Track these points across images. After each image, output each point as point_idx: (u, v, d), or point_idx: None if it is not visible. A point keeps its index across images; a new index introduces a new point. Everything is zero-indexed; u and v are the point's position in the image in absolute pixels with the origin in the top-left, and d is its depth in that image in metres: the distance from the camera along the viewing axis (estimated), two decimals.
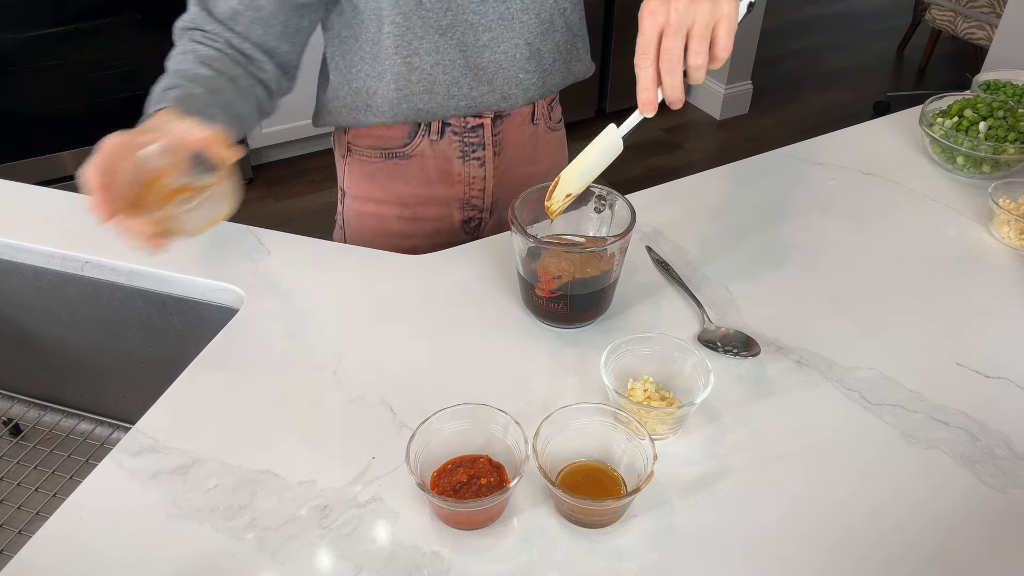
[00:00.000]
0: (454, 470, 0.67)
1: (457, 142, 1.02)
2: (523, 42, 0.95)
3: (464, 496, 0.65)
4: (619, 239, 0.78)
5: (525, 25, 0.94)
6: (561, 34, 0.99)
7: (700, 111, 3.37)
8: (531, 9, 0.94)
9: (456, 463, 0.68)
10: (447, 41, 0.92)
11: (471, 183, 1.05)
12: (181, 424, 0.74)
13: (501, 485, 0.66)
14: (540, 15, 0.95)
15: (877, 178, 1.11)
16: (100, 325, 0.99)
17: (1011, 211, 0.98)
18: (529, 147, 1.08)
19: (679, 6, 0.67)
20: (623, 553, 0.64)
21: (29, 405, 1.08)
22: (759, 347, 0.82)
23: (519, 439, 0.66)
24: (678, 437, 0.73)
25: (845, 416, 0.76)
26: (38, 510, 0.92)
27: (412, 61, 0.93)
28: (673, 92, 0.70)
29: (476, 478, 0.66)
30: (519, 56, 0.96)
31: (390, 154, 1.03)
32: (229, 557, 0.64)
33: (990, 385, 0.80)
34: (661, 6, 0.68)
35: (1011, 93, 1.22)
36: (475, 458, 0.68)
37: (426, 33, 0.91)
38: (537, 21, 0.95)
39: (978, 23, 3.07)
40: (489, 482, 0.66)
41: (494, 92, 0.98)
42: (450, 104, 0.97)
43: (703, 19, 0.68)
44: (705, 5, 0.67)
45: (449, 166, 1.04)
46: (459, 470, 0.67)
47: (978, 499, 0.69)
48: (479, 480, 0.66)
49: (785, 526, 0.66)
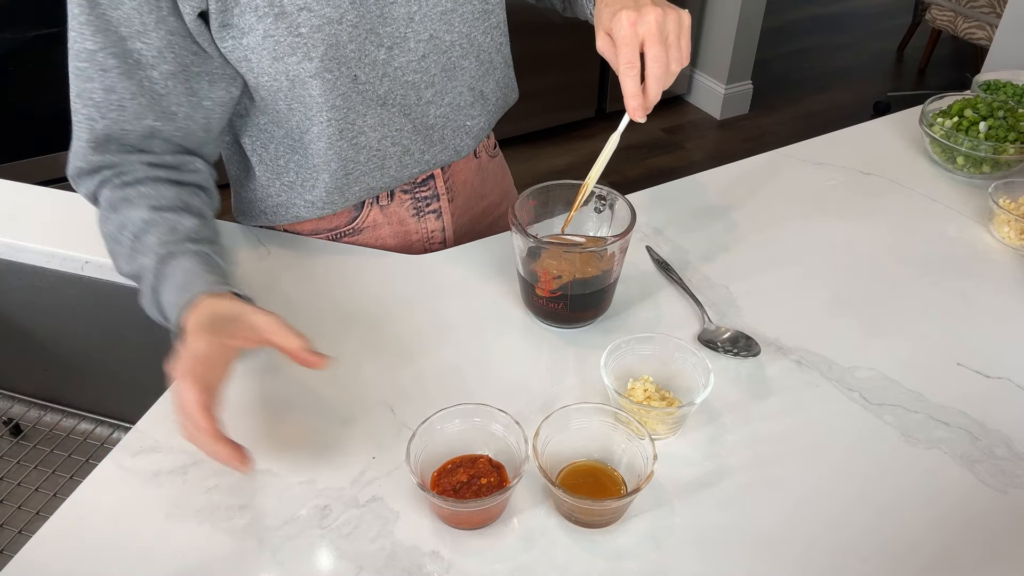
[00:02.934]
0: (454, 470, 0.67)
1: (409, 200, 0.96)
2: (466, 88, 0.91)
3: (464, 496, 0.65)
4: (619, 239, 0.78)
5: (466, 71, 0.90)
6: (500, 70, 0.95)
7: (700, 111, 3.37)
8: (471, 54, 0.89)
9: (456, 463, 0.68)
10: (389, 111, 0.86)
11: (430, 237, 1.01)
12: None
13: (501, 485, 0.66)
14: (480, 57, 0.90)
15: (877, 178, 1.11)
16: (100, 325, 0.99)
17: (1011, 211, 0.98)
18: (478, 182, 1.04)
19: (656, 18, 0.71)
20: (623, 553, 0.64)
21: (29, 405, 1.08)
22: (759, 347, 0.82)
23: (519, 439, 0.66)
24: (678, 437, 0.73)
25: (845, 416, 0.76)
26: (38, 510, 0.92)
27: (359, 141, 0.86)
28: (658, 98, 0.74)
29: (476, 478, 0.66)
30: (463, 103, 0.92)
31: (337, 235, 0.97)
32: (229, 557, 0.64)
33: (990, 385, 0.80)
34: (641, 19, 0.71)
35: (1011, 93, 1.22)
36: (475, 458, 0.68)
37: (368, 109, 0.84)
38: (478, 64, 0.90)
39: (978, 23, 3.07)
40: (489, 482, 0.66)
41: (446, 148, 0.94)
42: (403, 173, 0.92)
43: (674, 29, 0.72)
44: (672, 16, 0.72)
45: (405, 227, 0.98)
46: (459, 470, 0.67)
47: (978, 499, 0.69)
48: (479, 480, 0.66)
49: (785, 526, 0.66)
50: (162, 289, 0.74)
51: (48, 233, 0.97)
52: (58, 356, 1.04)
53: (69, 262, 0.95)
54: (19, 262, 0.97)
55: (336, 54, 0.77)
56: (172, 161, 0.80)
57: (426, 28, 0.83)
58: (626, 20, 0.71)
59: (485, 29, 0.89)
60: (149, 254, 0.75)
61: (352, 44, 0.78)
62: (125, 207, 0.77)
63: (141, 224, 0.76)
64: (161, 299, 0.74)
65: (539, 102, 2.90)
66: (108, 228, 0.79)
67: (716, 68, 3.24)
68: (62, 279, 0.96)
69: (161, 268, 0.74)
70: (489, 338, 0.84)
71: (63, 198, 1.04)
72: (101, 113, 0.75)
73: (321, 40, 0.75)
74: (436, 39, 0.84)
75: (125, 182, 0.78)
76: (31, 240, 0.96)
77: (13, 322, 1.03)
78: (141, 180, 0.78)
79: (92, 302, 0.97)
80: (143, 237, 0.76)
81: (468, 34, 0.87)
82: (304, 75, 0.77)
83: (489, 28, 0.89)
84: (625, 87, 0.72)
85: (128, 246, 0.77)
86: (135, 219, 0.76)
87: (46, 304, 1.00)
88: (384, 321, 0.86)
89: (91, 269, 0.95)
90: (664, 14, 0.71)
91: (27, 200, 1.04)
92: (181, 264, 0.74)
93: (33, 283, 0.98)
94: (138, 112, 0.76)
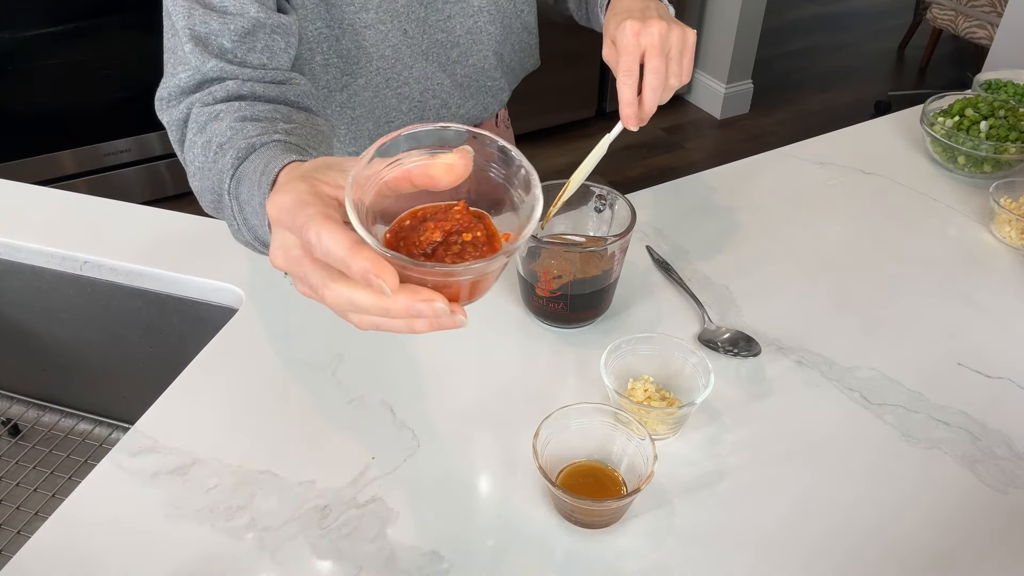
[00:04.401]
0: (418, 226, 0.45)
1: None
2: (491, 52, 0.96)
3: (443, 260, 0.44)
4: (619, 239, 0.78)
5: (492, 36, 0.94)
6: (517, 34, 0.99)
7: (701, 111, 3.37)
8: (497, 20, 0.94)
9: (419, 216, 0.46)
10: (431, 64, 0.92)
11: None
12: (180, 424, 0.74)
13: (492, 245, 0.45)
14: (504, 22, 0.95)
15: (878, 177, 1.11)
16: (99, 325, 0.99)
17: (1012, 211, 0.98)
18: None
19: (660, 31, 0.72)
20: (623, 553, 0.64)
21: (28, 405, 1.08)
22: (759, 347, 0.82)
23: None
24: (678, 437, 0.73)
25: (846, 416, 0.76)
26: (37, 510, 0.92)
27: (402, 91, 0.92)
28: (653, 109, 0.74)
29: (454, 234, 0.45)
30: (488, 66, 0.97)
31: None
32: (228, 557, 0.63)
33: (991, 385, 0.79)
34: (644, 29, 0.72)
35: (1012, 92, 1.22)
36: (448, 207, 0.46)
37: (414, 61, 0.90)
38: (501, 29, 0.95)
39: (979, 22, 3.07)
40: (476, 239, 0.45)
41: (476, 104, 0.99)
42: None
43: (678, 44, 0.73)
44: (677, 31, 0.73)
45: None
46: (427, 225, 0.45)
47: (979, 499, 0.69)
48: (460, 237, 0.45)
49: (785, 526, 0.66)
50: (241, 190, 0.59)
51: (47, 233, 0.97)
52: (57, 356, 1.04)
53: (68, 262, 0.95)
54: (18, 262, 0.97)
55: (389, 7, 0.84)
56: (274, 75, 0.72)
57: None
58: (630, 30, 0.72)
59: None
60: (229, 154, 0.62)
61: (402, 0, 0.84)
62: (212, 123, 0.67)
63: (228, 133, 0.64)
64: (244, 207, 0.59)
65: (539, 102, 2.90)
66: (194, 155, 0.67)
67: (716, 67, 3.24)
68: (61, 279, 0.96)
69: (241, 165, 0.60)
70: (489, 338, 0.84)
71: (62, 198, 1.04)
72: (202, 3, 0.70)
73: None
74: (464, 2, 0.89)
75: (217, 98, 0.68)
76: (30, 240, 0.96)
77: (12, 322, 1.03)
78: (236, 95, 0.69)
79: (91, 302, 0.97)
80: (226, 145, 0.63)
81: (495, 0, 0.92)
82: (359, 25, 0.82)
83: None
84: (621, 94, 0.73)
85: (211, 161, 0.64)
86: (220, 130, 0.65)
87: (45, 304, 1.00)
88: None
89: (90, 269, 0.95)
90: (669, 28, 0.72)
91: (26, 200, 1.04)
92: (263, 153, 0.59)
93: (32, 283, 0.98)
94: (239, 4, 0.70)
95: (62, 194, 1.05)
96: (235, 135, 0.63)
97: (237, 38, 0.70)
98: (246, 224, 0.60)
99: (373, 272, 0.40)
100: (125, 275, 0.94)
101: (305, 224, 0.43)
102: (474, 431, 0.74)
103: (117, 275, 0.94)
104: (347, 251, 0.41)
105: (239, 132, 0.63)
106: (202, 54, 0.69)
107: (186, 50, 0.70)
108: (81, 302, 0.97)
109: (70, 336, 1.02)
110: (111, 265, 0.94)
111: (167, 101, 0.71)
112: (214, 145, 0.65)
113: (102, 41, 2.32)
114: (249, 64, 0.71)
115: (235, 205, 0.61)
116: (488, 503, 0.68)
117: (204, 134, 0.67)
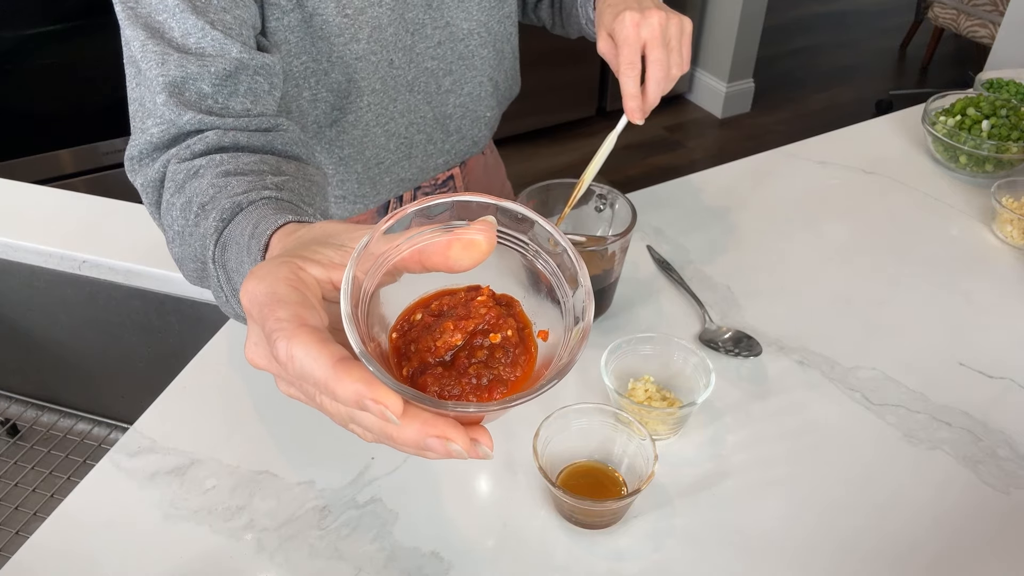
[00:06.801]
0: (431, 325, 0.37)
1: None
2: (486, 78, 0.91)
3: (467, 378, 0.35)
4: (620, 238, 0.77)
5: (485, 60, 0.89)
6: (509, 61, 0.95)
7: (701, 110, 3.36)
8: (488, 43, 0.89)
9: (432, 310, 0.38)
10: (415, 97, 0.85)
11: None
12: (179, 424, 0.74)
13: (525, 346, 0.37)
14: (496, 46, 0.90)
15: (879, 177, 1.11)
16: (98, 325, 0.99)
17: (1014, 210, 0.97)
18: (485, 179, 1.05)
19: (660, 21, 0.71)
20: (623, 553, 0.64)
21: (26, 405, 1.07)
22: (760, 347, 0.81)
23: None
24: (679, 437, 0.73)
25: (847, 416, 0.76)
26: (35, 510, 0.92)
27: (389, 127, 0.85)
28: (656, 101, 0.73)
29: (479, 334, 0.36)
30: (483, 94, 0.92)
31: None
32: (227, 558, 0.63)
33: (992, 385, 0.79)
34: (644, 20, 0.71)
35: (1014, 92, 1.22)
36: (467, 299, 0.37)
37: (399, 94, 0.84)
38: (494, 53, 0.90)
39: (981, 21, 3.07)
40: (505, 339, 0.36)
41: (463, 139, 0.94)
42: (428, 164, 0.92)
43: (676, 34, 0.73)
44: (675, 20, 0.73)
45: None
46: (444, 325, 0.36)
47: (980, 500, 0.68)
48: (487, 339, 0.36)
49: (786, 527, 0.66)
50: (228, 257, 0.51)
51: (45, 232, 0.97)
52: (55, 356, 1.04)
53: (66, 261, 0.95)
54: (16, 261, 0.97)
55: (379, 36, 0.78)
56: (259, 122, 0.64)
57: (443, 15, 0.83)
58: (629, 21, 0.71)
59: (499, 18, 0.89)
60: (212, 216, 0.54)
61: (391, 28, 0.79)
62: (192, 181, 0.59)
63: (210, 191, 0.56)
64: (232, 276, 0.51)
65: (538, 101, 2.89)
66: (172, 218, 0.59)
67: (717, 66, 3.24)
68: (59, 278, 0.96)
69: (227, 228, 0.53)
70: None
71: (60, 197, 1.04)
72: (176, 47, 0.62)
73: (366, 22, 0.76)
74: (452, 26, 0.84)
75: (196, 152, 0.60)
76: (28, 239, 0.96)
77: (10, 322, 1.03)
78: (217, 147, 0.61)
79: (90, 301, 0.96)
80: (208, 205, 0.56)
81: (485, 23, 0.87)
82: (349, 57, 0.77)
83: (503, 17, 0.90)
84: (625, 88, 0.72)
85: (192, 224, 0.57)
86: (202, 188, 0.57)
87: (43, 303, 0.99)
88: None
89: (88, 268, 0.94)
90: (667, 18, 0.72)
91: (24, 199, 1.04)
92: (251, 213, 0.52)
93: (30, 282, 0.98)
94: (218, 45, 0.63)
95: (61, 193, 1.04)
96: (218, 193, 0.55)
97: (218, 81, 0.62)
98: (235, 295, 0.52)
99: (370, 399, 0.33)
100: (124, 274, 0.93)
101: (274, 334, 0.35)
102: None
103: (116, 274, 0.94)
104: (329, 374, 0.33)
105: (222, 190, 0.55)
106: (177, 106, 0.61)
107: (158, 101, 0.61)
108: (80, 301, 0.97)
109: (68, 336, 1.01)
110: (110, 264, 0.93)
111: (138, 160, 0.63)
112: (195, 206, 0.57)
113: (101, 40, 2.32)
114: (231, 112, 0.63)
115: (221, 274, 0.53)
116: (488, 503, 0.68)
117: (183, 194, 0.58)
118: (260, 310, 0.36)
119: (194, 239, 0.56)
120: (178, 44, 0.63)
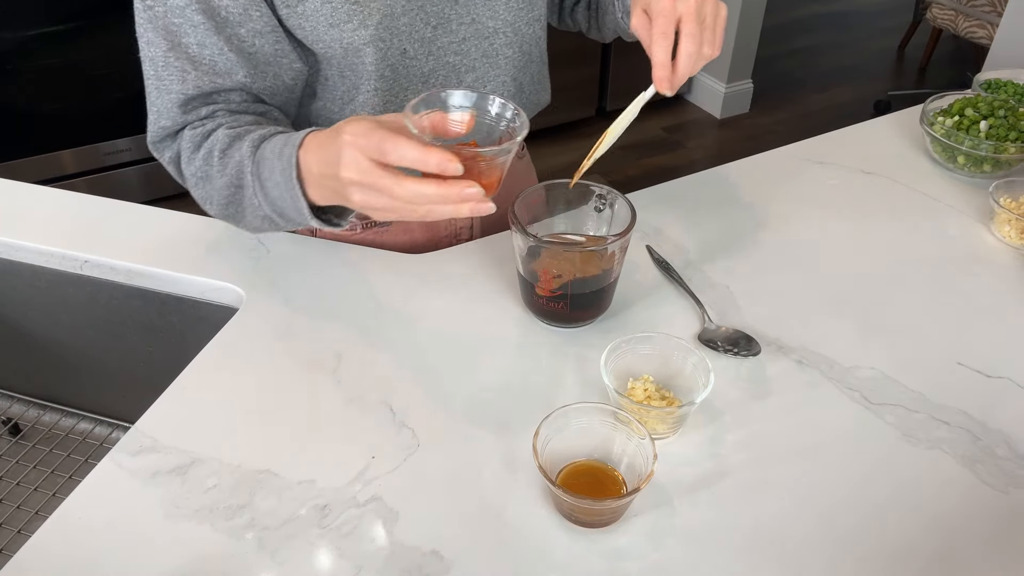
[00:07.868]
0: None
1: None
2: (509, 78, 0.92)
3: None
4: (619, 238, 0.78)
5: (510, 60, 0.90)
6: (536, 65, 0.95)
7: (700, 110, 3.36)
8: (514, 43, 0.89)
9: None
10: (430, 89, 0.87)
11: (458, 234, 1.02)
12: (180, 424, 0.74)
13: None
14: (522, 47, 0.91)
15: (878, 177, 1.11)
16: (99, 324, 0.99)
17: (1012, 210, 0.98)
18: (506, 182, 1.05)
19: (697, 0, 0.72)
20: (623, 553, 0.64)
21: (28, 404, 1.08)
22: (760, 347, 0.82)
23: None
24: (678, 437, 0.73)
25: (846, 416, 0.76)
26: (37, 509, 0.92)
27: None
28: (686, 77, 0.74)
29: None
30: (506, 94, 0.93)
31: (367, 224, 0.97)
32: (228, 557, 0.63)
33: (991, 385, 0.79)
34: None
35: (1012, 92, 1.22)
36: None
37: (410, 83, 0.86)
38: (520, 54, 0.91)
39: (979, 22, 3.07)
40: None
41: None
42: None
43: (711, 14, 0.73)
44: (711, 2, 0.73)
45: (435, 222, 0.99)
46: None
47: (979, 499, 0.69)
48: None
49: (786, 526, 0.66)
50: (263, 169, 0.72)
51: (47, 232, 0.97)
52: (57, 355, 1.04)
53: (68, 261, 0.95)
54: (18, 261, 0.97)
55: (390, 24, 0.80)
56: (255, 108, 0.81)
57: (469, 11, 0.84)
58: None
59: (528, 20, 0.90)
60: (244, 147, 0.74)
61: (404, 17, 0.81)
62: (207, 140, 0.77)
63: (226, 140, 0.76)
64: (265, 183, 0.72)
65: None
66: (193, 167, 0.78)
67: (716, 67, 3.24)
68: (61, 278, 0.96)
69: (258, 151, 0.73)
70: (489, 338, 0.84)
71: (62, 197, 1.04)
72: (194, 65, 0.76)
73: (376, 9, 0.78)
74: (478, 23, 0.86)
75: (208, 130, 0.78)
76: (30, 239, 0.96)
77: (12, 321, 1.03)
78: (222, 124, 0.78)
79: (91, 301, 0.97)
80: (231, 145, 0.75)
81: (512, 23, 0.88)
82: (358, 42, 0.79)
83: (532, 20, 0.90)
84: (655, 56, 0.72)
85: (217, 164, 0.76)
86: (219, 138, 0.76)
87: (45, 303, 1.00)
88: (384, 320, 0.86)
89: (90, 268, 0.95)
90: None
91: (26, 199, 1.04)
92: (275, 140, 0.72)
93: (32, 282, 0.98)
94: (230, 67, 0.77)
95: (62, 193, 1.05)
96: (238, 135, 0.75)
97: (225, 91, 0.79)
98: (267, 198, 0.73)
99: (448, 159, 0.59)
100: (125, 274, 0.94)
101: (382, 139, 0.60)
102: (474, 431, 0.74)
103: (117, 274, 0.94)
104: (423, 151, 0.59)
105: (243, 132, 0.75)
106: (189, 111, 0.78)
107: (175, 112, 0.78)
108: (81, 301, 0.97)
109: (70, 335, 1.02)
110: (111, 264, 0.93)
111: (157, 145, 0.81)
112: (216, 152, 0.76)
113: (102, 40, 2.32)
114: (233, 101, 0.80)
115: (256, 184, 0.73)
116: (488, 502, 0.68)
117: (201, 150, 0.77)
118: (363, 136, 0.61)
119: (229, 168, 0.75)
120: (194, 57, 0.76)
